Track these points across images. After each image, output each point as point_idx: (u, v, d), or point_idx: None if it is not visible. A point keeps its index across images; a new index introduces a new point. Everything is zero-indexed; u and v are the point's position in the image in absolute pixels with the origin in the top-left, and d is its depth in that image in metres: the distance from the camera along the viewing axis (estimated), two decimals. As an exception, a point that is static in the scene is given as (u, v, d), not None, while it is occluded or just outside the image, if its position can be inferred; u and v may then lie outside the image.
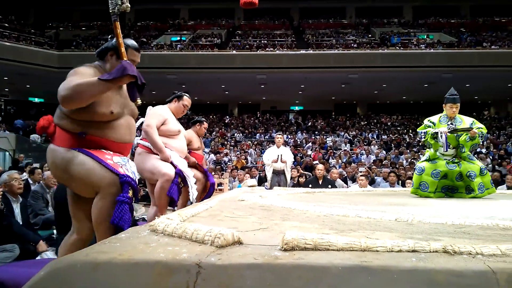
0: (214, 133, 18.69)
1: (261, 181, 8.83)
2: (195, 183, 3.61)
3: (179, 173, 3.37)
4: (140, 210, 6.00)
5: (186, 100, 3.92)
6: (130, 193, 2.12)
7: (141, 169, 3.51)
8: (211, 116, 22.18)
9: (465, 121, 4.31)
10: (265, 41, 21.12)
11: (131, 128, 2.33)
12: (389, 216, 2.00)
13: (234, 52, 19.29)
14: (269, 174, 7.29)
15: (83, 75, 2.09)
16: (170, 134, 3.64)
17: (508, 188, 6.99)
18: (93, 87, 1.97)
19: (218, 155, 14.57)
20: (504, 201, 3.77)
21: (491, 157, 13.66)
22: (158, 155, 3.42)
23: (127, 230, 1.71)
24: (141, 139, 3.68)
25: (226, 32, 23.75)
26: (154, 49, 19.72)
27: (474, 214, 2.54)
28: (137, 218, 5.20)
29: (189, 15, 26.65)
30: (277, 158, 7.18)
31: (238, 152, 15.40)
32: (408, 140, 16.96)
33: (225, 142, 17.16)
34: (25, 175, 7.44)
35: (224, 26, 24.98)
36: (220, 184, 8.10)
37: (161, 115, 3.66)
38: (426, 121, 4.47)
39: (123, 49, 2.26)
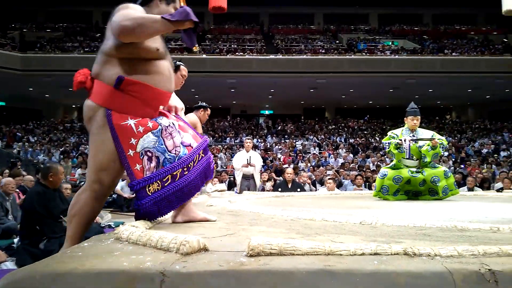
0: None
1: (231, 185, 8.80)
2: None
3: None
4: (106, 217, 5.86)
5: (184, 70, 3.71)
6: (152, 187, 1.94)
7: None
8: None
9: (426, 134, 4.48)
10: (235, 46, 21.15)
11: (172, 75, 2.13)
12: (354, 219, 2.04)
13: (204, 56, 19.21)
14: (238, 179, 7.29)
15: (137, 11, 1.93)
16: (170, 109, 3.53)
17: (469, 189, 7.25)
18: (155, 24, 1.84)
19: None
20: (464, 203, 3.91)
21: (453, 159, 14.13)
22: None
23: (91, 239, 1.67)
24: None
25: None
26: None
27: (435, 216, 2.62)
28: (103, 225, 5.07)
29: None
30: (247, 162, 7.18)
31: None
32: (374, 143, 17.33)
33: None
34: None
35: (198, 29, 24.87)
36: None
37: None
38: (389, 133, 4.62)
39: None
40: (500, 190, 6.63)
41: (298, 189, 6.97)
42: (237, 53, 19.51)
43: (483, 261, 1.20)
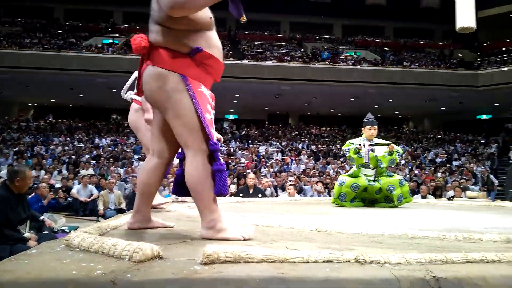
0: (145, 140, 18.19)
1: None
2: None
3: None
4: (60, 221, 5.65)
5: None
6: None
7: (136, 127, 3.40)
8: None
9: (382, 147, 4.66)
10: (201, 49, 21.04)
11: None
12: (311, 226, 2.08)
13: (168, 58, 19.00)
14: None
15: None
16: None
17: (422, 197, 7.53)
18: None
19: (148, 162, 14.19)
20: (417, 210, 4.06)
21: (409, 168, 14.63)
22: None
23: (39, 245, 1.61)
24: (136, 94, 3.46)
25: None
26: (84, 51, 18.86)
27: (388, 224, 2.71)
28: (56, 230, 4.89)
29: (123, 18, 25.86)
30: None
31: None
32: (335, 150, 17.68)
33: (156, 150, 16.77)
34: None
35: (159, 31, 24.56)
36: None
37: None
38: (348, 142, 4.77)
39: None
40: (451, 198, 6.92)
41: (260, 195, 6.99)
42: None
43: (429, 268, 1.26)
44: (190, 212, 2.95)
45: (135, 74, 3.37)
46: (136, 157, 15.05)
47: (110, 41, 21.03)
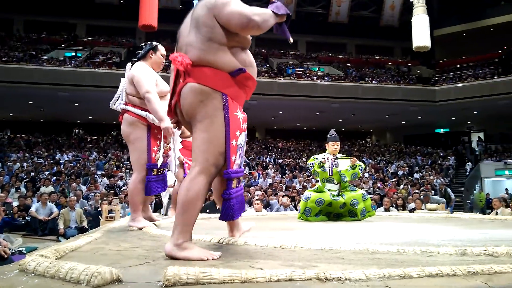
0: (109, 155, 17.77)
1: (157, 207, 8.55)
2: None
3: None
4: (16, 242, 5.40)
5: (163, 49, 3.48)
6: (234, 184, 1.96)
7: (129, 140, 3.21)
8: (106, 137, 21.13)
9: (345, 160, 4.77)
10: (167, 63, 20.90)
11: None
12: (275, 242, 2.08)
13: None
14: (165, 200, 7.08)
15: (246, 5, 1.96)
16: (162, 95, 3.28)
17: (385, 210, 7.70)
18: (271, 19, 1.98)
19: (112, 178, 13.84)
20: (379, 223, 4.16)
21: (373, 180, 14.96)
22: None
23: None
24: (125, 104, 3.28)
25: (126, 51, 23.03)
26: (46, 64, 18.34)
27: (351, 238, 2.76)
28: (13, 251, 4.67)
29: (86, 31, 25.38)
30: (174, 183, 7.02)
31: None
32: (301, 164, 17.86)
33: (121, 165, 16.40)
34: None
35: (125, 45, 24.23)
36: (110, 211, 7.68)
37: (152, 76, 3.26)
38: (313, 157, 4.88)
39: None
40: (412, 210, 7.13)
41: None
42: (168, 71, 19.28)
43: (387, 283, 1.29)
44: (154, 231, 2.90)
45: (122, 83, 3.32)
46: (99, 173, 14.66)
47: (73, 54, 20.57)
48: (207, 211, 6.75)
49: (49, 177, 12.77)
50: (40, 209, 8.93)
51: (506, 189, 15.89)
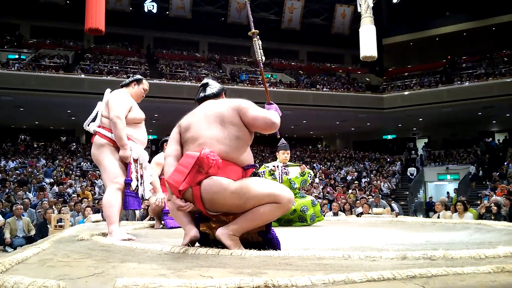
0: (57, 161, 17.05)
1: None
2: None
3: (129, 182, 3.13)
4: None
5: (146, 84, 3.54)
6: None
7: (98, 162, 3.19)
8: (53, 143, 20.25)
9: (295, 167, 4.91)
10: (117, 67, 20.41)
11: None
12: (225, 250, 2.12)
13: (82, 76, 18.16)
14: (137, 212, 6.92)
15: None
16: (136, 122, 3.27)
17: (334, 214, 7.94)
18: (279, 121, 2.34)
19: (61, 186, 13.30)
20: (328, 228, 4.30)
21: (323, 185, 15.35)
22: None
23: None
24: (99, 127, 3.22)
25: (73, 54, 22.24)
26: (-13, 66, 17.37)
27: (300, 244, 2.85)
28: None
29: (30, 32, 24.23)
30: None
31: (85, 183, 14.28)
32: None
33: (70, 172, 15.78)
34: None
35: (72, 47, 23.37)
36: (60, 220, 7.41)
37: (128, 102, 3.24)
38: (264, 165, 5.01)
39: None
40: (360, 214, 7.39)
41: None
42: (118, 75, 18.83)
43: (332, 289, 1.36)
44: (104, 240, 2.84)
45: (99, 106, 3.28)
46: (47, 180, 14.04)
47: (17, 56, 19.59)
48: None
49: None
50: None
51: (448, 193, 16.80)
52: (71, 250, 2.37)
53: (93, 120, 3.40)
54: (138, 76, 3.53)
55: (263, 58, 3.10)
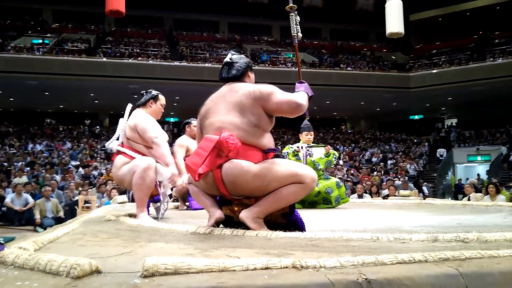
0: (82, 144, 17.42)
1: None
2: None
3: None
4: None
5: (163, 99, 3.52)
6: None
7: (122, 180, 3.22)
8: (77, 127, 20.68)
9: (319, 148, 4.84)
10: (138, 50, 20.52)
11: None
12: (250, 232, 2.12)
13: (104, 59, 18.34)
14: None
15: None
16: None
17: (359, 196, 7.87)
18: (306, 100, 2.38)
19: (86, 168, 13.61)
20: (353, 210, 4.26)
21: (347, 167, 15.22)
22: None
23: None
24: (122, 146, 3.27)
25: (95, 37, 22.47)
26: (12, 51, 17.71)
27: (326, 226, 2.82)
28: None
29: (53, 17, 24.53)
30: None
31: (110, 165, 14.57)
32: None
33: (95, 155, 16.12)
34: None
35: (93, 31, 23.61)
36: (87, 202, 7.60)
37: (155, 123, 3.31)
38: (288, 146, 4.98)
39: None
40: (386, 197, 7.29)
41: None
42: (139, 58, 18.94)
43: (361, 270, 1.33)
44: (130, 220, 2.89)
45: (122, 125, 3.28)
46: (73, 163, 14.39)
47: (40, 41, 19.92)
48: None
49: (22, 168, 12.51)
50: (15, 200, 8.87)
51: (478, 175, 16.36)
52: (99, 230, 2.42)
53: (117, 139, 3.39)
54: (154, 93, 3.49)
55: (300, 34, 2.99)
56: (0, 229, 6.40)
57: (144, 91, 3.52)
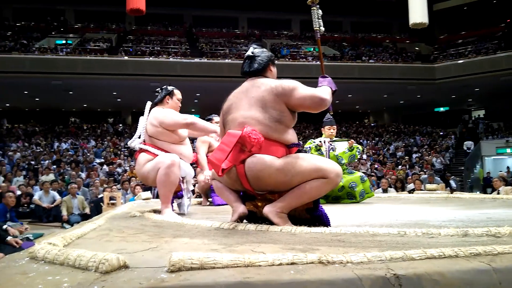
0: (106, 142, 17.75)
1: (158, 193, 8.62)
2: None
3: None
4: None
5: (179, 93, 3.52)
6: None
7: (146, 177, 3.24)
8: (101, 125, 21.07)
9: (342, 142, 4.78)
10: (158, 48, 20.73)
11: None
12: (275, 227, 2.11)
13: (125, 58, 18.60)
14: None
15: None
16: (181, 140, 3.35)
17: (383, 191, 7.76)
18: (330, 95, 2.35)
19: (111, 166, 13.87)
20: (379, 205, 4.19)
21: (371, 161, 15.04)
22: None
23: (3, 259, 1.57)
24: (144, 143, 3.31)
25: (116, 36, 22.80)
26: (37, 52, 18.15)
27: (351, 221, 2.79)
28: (21, 238, 4.74)
29: (75, 17, 25.01)
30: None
31: (133, 162, 14.82)
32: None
33: (118, 152, 16.40)
34: None
35: (115, 30, 23.96)
36: (112, 198, 7.75)
37: (177, 112, 3.34)
38: (310, 141, 4.93)
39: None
40: (411, 191, 7.17)
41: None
42: (160, 56, 19.12)
43: (389, 266, 1.30)
44: (155, 216, 2.92)
45: (142, 123, 3.30)
46: (97, 160, 14.68)
47: (64, 41, 20.34)
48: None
49: (49, 166, 12.85)
50: (43, 197, 9.12)
51: (508, 168, 15.88)
52: (125, 226, 2.45)
53: (139, 137, 3.39)
54: (169, 88, 3.49)
55: (322, 28, 2.93)
56: (29, 226, 6.59)
57: (159, 88, 3.51)
